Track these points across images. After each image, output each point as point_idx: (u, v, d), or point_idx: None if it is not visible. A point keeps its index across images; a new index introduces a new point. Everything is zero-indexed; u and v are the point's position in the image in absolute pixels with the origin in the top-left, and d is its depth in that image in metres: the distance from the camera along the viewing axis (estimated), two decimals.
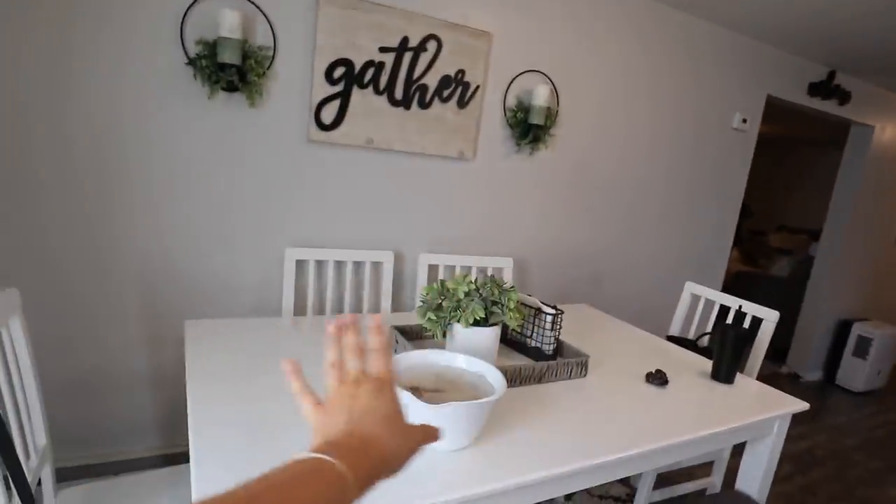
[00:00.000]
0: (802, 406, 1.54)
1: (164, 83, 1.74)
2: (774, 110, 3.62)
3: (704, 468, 2.13)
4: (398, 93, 2.07)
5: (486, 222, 2.45)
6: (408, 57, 2.06)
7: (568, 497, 2.22)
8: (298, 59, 1.91)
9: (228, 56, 1.70)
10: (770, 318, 1.99)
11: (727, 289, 3.21)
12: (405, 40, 2.04)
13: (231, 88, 1.78)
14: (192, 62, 1.73)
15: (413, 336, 1.57)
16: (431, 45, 2.09)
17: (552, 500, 2.18)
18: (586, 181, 2.71)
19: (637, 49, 2.65)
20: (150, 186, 1.80)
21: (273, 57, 1.86)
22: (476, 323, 1.36)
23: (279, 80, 1.90)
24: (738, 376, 1.68)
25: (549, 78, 2.41)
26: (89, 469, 1.90)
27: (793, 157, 7.54)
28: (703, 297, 2.27)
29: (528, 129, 2.32)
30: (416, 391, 1.08)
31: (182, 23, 1.72)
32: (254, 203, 1.96)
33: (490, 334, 1.36)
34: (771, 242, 6.94)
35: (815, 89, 3.42)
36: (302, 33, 1.90)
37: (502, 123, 2.35)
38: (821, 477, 2.79)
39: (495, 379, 1.10)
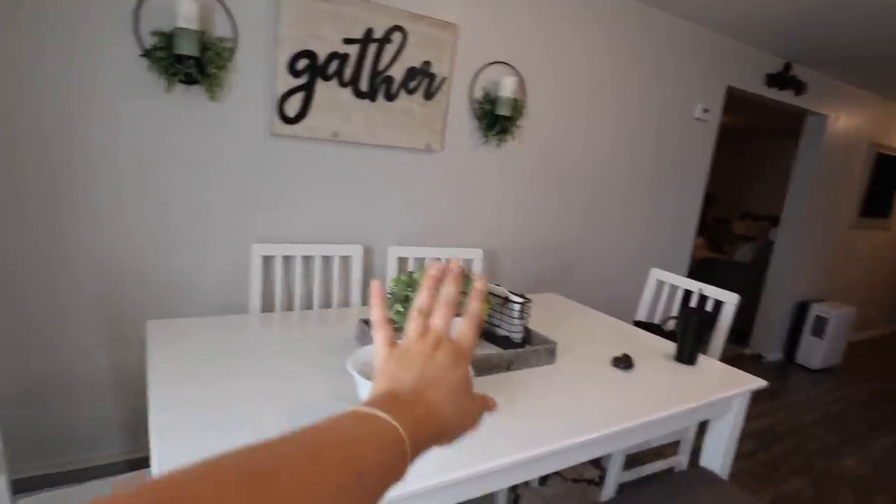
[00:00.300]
0: (760, 384, 1.60)
1: (118, 76, 1.68)
2: (735, 102, 3.72)
3: (672, 447, 2.20)
4: (363, 85, 2.05)
5: (456, 214, 2.46)
6: (373, 48, 2.04)
7: (542, 482, 2.26)
8: (260, 50, 1.87)
9: (186, 47, 1.65)
10: (730, 300, 2.05)
11: (693, 275, 3.30)
12: (369, 32, 2.02)
13: (190, 81, 1.74)
14: (147, 54, 1.68)
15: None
16: (396, 37, 2.08)
17: (527, 484, 2.22)
18: (554, 171, 2.74)
19: (602, 41, 2.69)
20: (105, 183, 1.74)
21: (234, 48, 1.82)
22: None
23: (240, 73, 1.86)
24: (701, 357, 1.73)
25: (515, 69, 2.43)
26: (51, 478, 1.85)
27: (754, 147, 7.77)
28: (667, 283, 2.33)
29: (496, 120, 2.33)
30: None
31: (136, 13, 1.66)
32: (217, 199, 1.92)
33: (458, 324, 1.37)
34: (735, 229, 7.15)
35: (773, 80, 3.52)
36: (263, 24, 1.86)
37: (469, 115, 2.36)
38: (782, 452, 2.91)
39: None
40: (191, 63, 1.70)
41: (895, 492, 2.64)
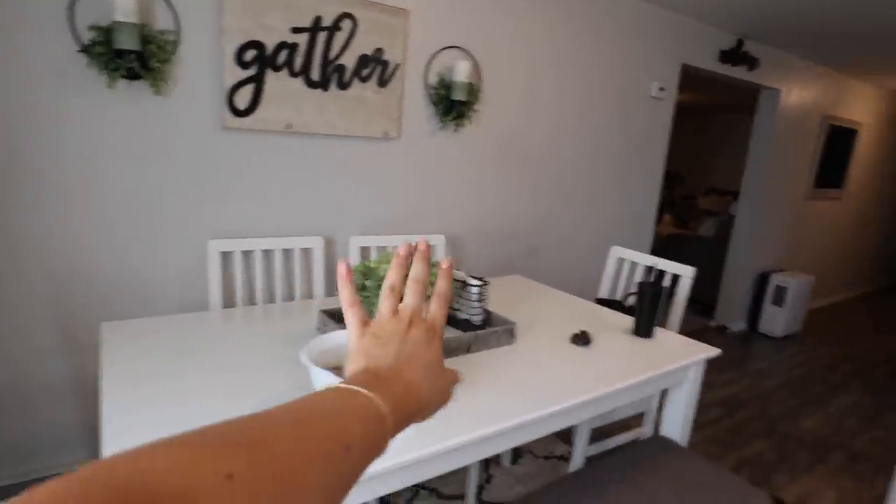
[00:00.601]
0: (714, 352, 1.66)
1: (58, 73, 1.63)
2: (695, 79, 3.79)
3: (637, 419, 2.26)
4: (315, 74, 2.02)
5: (418, 201, 2.46)
6: (322, 37, 2.01)
7: (514, 460, 2.30)
8: (205, 42, 1.83)
9: (125, 42, 1.61)
10: (687, 273, 2.11)
11: (660, 251, 3.37)
12: (318, 20, 1.99)
13: (132, 76, 1.69)
14: (85, 49, 1.62)
15: (343, 319, 1.57)
16: (346, 24, 2.05)
17: (499, 463, 2.26)
18: (516, 155, 2.76)
19: (555, 21, 2.70)
20: (53, 183, 1.69)
21: (177, 41, 1.78)
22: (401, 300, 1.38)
23: (186, 66, 1.82)
24: (659, 330, 1.78)
25: (470, 54, 2.42)
26: (14, 489, 1.81)
27: (715, 124, 7.93)
28: (628, 260, 2.38)
29: (452, 105, 2.33)
30: (337, 370, 1.09)
31: (71, 7, 1.61)
32: (170, 196, 1.88)
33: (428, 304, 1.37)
34: (700, 205, 7.31)
35: (726, 56, 3.59)
36: (206, 15, 1.82)
37: (425, 101, 2.35)
38: (746, 417, 3.02)
39: None
40: (132, 57, 1.65)
41: (850, 448, 2.77)
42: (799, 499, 2.30)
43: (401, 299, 0.50)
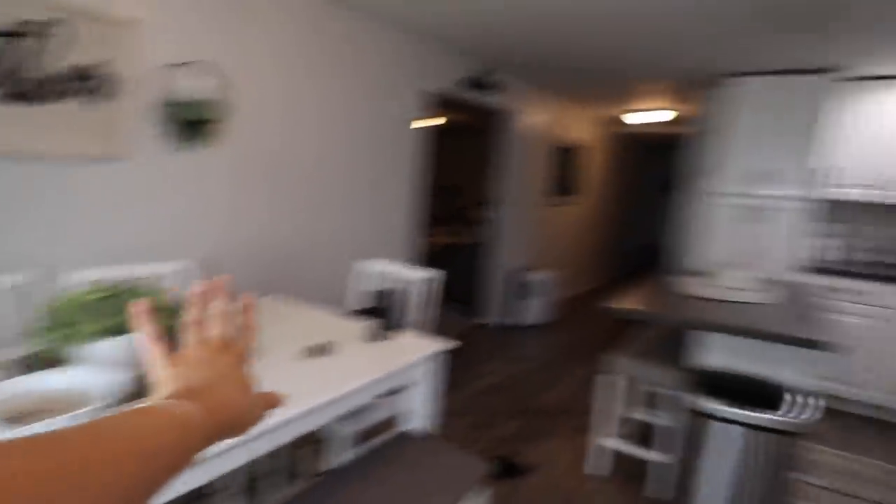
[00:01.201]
0: (446, 345, 1.89)
1: None
2: (454, 103, 4.24)
3: (402, 417, 2.43)
4: (10, 87, 1.77)
5: (158, 225, 2.29)
6: (25, 44, 1.77)
7: (290, 479, 2.29)
8: None
9: None
10: (435, 276, 2.36)
11: (437, 260, 3.67)
12: (21, 24, 1.74)
13: None
14: None
15: (51, 363, 1.40)
16: (59, 31, 1.83)
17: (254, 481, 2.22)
18: (275, 173, 2.75)
19: (311, 44, 2.78)
20: None
21: None
22: (115, 333, 1.29)
23: None
24: (399, 333, 1.96)
25: (216, 70, 2.35)
26: None
27: (484, 142, 8.93)
28: (383, 271, 2.56)
29: (191, 124, 2.24)
30: (20, 419, 1.00)
31: None
32: None
33: (125, 343, 1.30)
34: (474, 216, 8.15)
35: (471, 83, 4.11)
36: None
37: (161, 119, 2.21)
38: (502, 401, 3.46)
39: (102, 388, 1.08)
40: None
41: (581, 412, 3.38)
42: (539, 459, 2.74)
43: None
